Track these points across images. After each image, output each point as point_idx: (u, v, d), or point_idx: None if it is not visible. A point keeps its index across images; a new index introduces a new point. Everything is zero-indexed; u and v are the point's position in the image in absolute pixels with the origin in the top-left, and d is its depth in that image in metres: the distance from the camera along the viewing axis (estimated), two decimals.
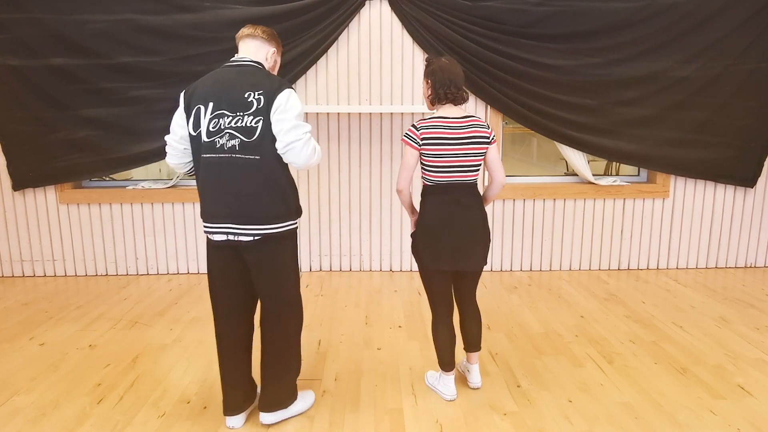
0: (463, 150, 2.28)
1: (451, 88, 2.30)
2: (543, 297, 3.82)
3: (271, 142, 2.04)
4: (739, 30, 4.03)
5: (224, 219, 2.08)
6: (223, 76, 2.11)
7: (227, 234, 2.10)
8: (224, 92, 2.05)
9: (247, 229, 2.07)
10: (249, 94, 2.02)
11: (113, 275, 4.39)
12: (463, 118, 2.32)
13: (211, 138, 2.05)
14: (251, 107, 2.02)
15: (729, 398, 2.47)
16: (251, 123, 2.02)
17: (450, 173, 2.31)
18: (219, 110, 2.04)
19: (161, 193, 4.30)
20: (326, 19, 4.00)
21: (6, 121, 4.04)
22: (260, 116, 2.02)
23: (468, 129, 2.30)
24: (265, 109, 2.01)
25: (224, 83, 2.08)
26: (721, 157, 4.26)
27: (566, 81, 4.07)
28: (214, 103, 2.05)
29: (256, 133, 2.02)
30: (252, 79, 2.07)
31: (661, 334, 3.17)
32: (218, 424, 2.29)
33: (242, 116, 2.02)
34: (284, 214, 2.12)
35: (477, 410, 2.39)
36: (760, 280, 4.20)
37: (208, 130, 2.05)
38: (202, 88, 2.10)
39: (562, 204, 4.39)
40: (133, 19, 3.86)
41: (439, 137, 2.27)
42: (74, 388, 2.60)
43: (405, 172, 2.35)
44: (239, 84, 2.05)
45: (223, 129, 2.03)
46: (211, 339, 3.13)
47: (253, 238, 2.08)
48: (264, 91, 2.03)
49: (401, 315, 3.51)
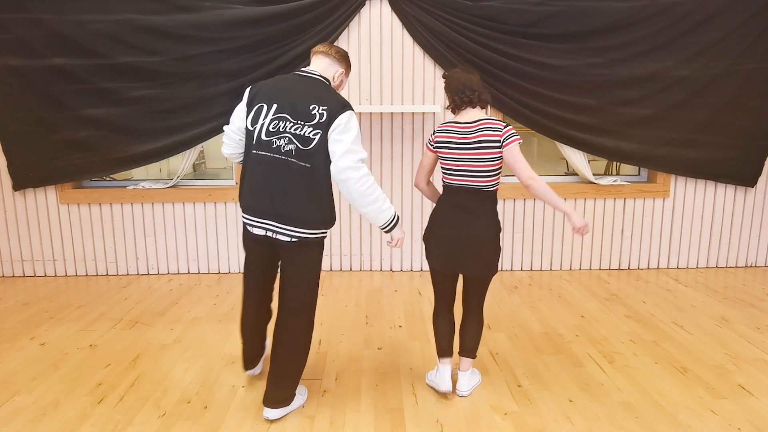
0: (469, 155, 2.30)
1: (466, 92, 2.34)
2: (543, 297, 3.82)
3: (324, 155, 2.16)
4: (739, 30, 4.02)
5: (267, 216, 2.20)
6: (291, 83, 2.25)
7: (267, 230, 2.23)
8: (290, 98, 2.18)
9: (288, 229, 2.19)
10: (314, 107, 2.15)
11: (114, 275, 4.39)
12: (474, 122, 2.32)
13: (269, 137, 2.17)
14: (313, 119, 2.14)
15: (729, 398, 2.47)
16: (309, 134, 2.14)
17: (457, 176, 2.36)
18: (281, 113, 2.17)
19: (162, 193, 4.30)
20: (326, 19, 4.00)
21: (6, 121, 4.04)
22: (319, 130, 2.14)
23: (476, 133, 2.30)
24: (325, 125, 2.14)
25: (291, 90, 2.21)
26: (721, 157, 4.26)
27: (567, 81, 4.07)
28: (278, 106, 2.18)
29: (311, 144, 2.14)
30: (318, 93, 2.19)
31: (661, 334, 3.17)
32: (219, 424, 2.29)
33: (302, 125, 2.15)
34: (321, 222, 2.23)
35: (477, 410, 2.39)
36: (760, 279, 4.20)
37: (268, 129, 2.18)
38: (268, 89, 2.24)
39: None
40: (133, 19, 3.86)
41: (448, 141, 2.35)
42: (75, 388, 2.60)
43: (419, 171, 2.52)
44: (306, 95, 2.18)
45: (282, 132, 2.16)
46: (211, 339, 3.14)
47: (290, 239, 2.21)
48: (328, 108, 2.14)
49: (401, 315, 3.51)
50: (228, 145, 2.36)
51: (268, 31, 3.93)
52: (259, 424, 2.29)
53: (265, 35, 3.94)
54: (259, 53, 3.99)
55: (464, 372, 2.54)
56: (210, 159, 6.59)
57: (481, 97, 2.36)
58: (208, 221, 4.35)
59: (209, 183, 4.46)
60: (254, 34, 3.93)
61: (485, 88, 2.40)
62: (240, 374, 2.72)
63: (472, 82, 2.35)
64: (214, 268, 4.42)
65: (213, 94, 4.03)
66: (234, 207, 4.33)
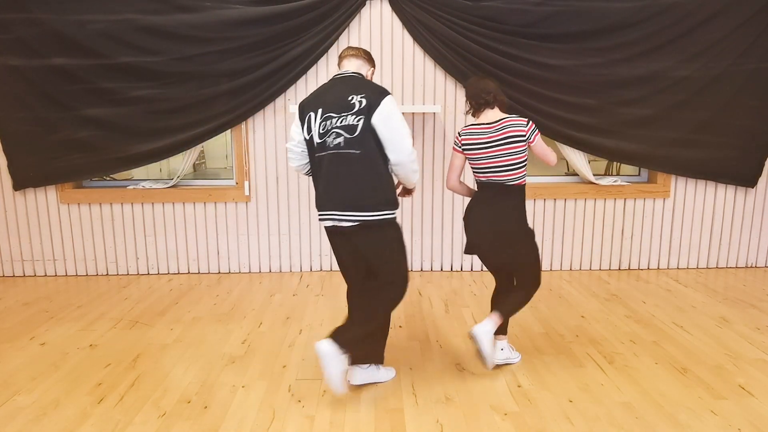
0: (496, 152, 2.48)
1: (482, 95, 2.54)
2: (544, 297, 3.82)
3: (372, 140, 2.30)
4: (739, 30, 4.02)
5: (330, 206, 2.37)
6: (329, 87, 2.43)
7: (332, 220, 2.38)
8: (330, 97, 2.36)
9: (348, 215, 2.33)
10: (352, 96, 2.31)
11: (114, 275, 4.39)
12: (496, 121, 2.51)
13: (322, 138, 2.35)
14: (354, 108, 2.29)
15: (730, 398, 2.47)
16: (353, 121, 2.29)
17: (485, 173, 2.54)
18: (327, 113, 2.34)
19: (162, 193, 4.30)
20: (327, 19, 4.00)
21: (7, 121, 4.04)
22: (361, 115, 2.29)
23: (501, 131, 2.48)
24: (366, 110, 2.28)
25: (330, 91, 2.40)
26: (721, 157, 4.26)
27: (567, 81, 4.07)
28: (323, 109, 2.36)
29: (357, 130, 2.29)
30: (354, 84, 2.38)
31: (661, 334, 3.17)
32: (219, 424, 2.29)
33: (345, 116, 2.30)
34: (381, 204, 2.34)
35: (477, 410, 2.39)
36: (760, 280, 4.20)
37: (319, 132, 2.36)
38: (312, 99, 2.44)
39: (562, 204, 4.39)
40: (133, 19, 3.86)
41: (474, 142, 2.53)
42: (75, 387, 2.60)
43: (450, 172, 2.67)
44: (343, 90, 2.36)
45: (329, 129, 2.33)
46: (211, 339, 3.14)
47: (352, 224, 2.34)
48: (366, 95, 2.30)
49: (402, 315, 3.51)
50: (293, 159, 2.52)
51: (268, 31, 3.93)
52: (259, 424, 2.29)
53: (265, 35, 3.94)
54: (259, 53, 3.99)
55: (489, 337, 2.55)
56: (210, 159, 6.59)
57: (498, 98, 2.56)
58: (209, 221, 4.35)
59: (209, 183, 4.46)
60: (254, 34, 3.93)
61: (501, 91, 2.59)
62: (240, 374, 2.72)
63: (488, 86, 2.55)
64: (214, 268, 4.42)
65: (213, 94, 4.03)
66: (234, 207, 4.33)
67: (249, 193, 4.31)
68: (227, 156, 5.40)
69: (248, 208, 4.35)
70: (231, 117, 4.10)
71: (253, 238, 4.38)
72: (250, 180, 4.30)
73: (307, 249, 4.42)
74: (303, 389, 2.57)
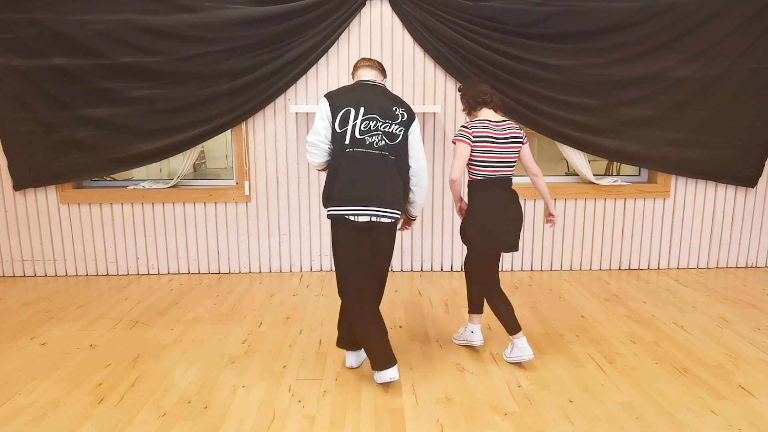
0: (504, 148, 2.67)
1: (480, 95, 2.73)
2: (544, 297, 3.82)
3: (403, 149, 2.55)
4: (739, 30, 4.02)
5: (372, 202, 2.45)
6: (370, 90, 2.58)
7: (371, 215, 2.46)
8: (375, 102, 2.52)
9: (389, 212, 2.49)
10: (395, 108, 2.54)
11: (114, 275, 4.39)
12: (501, 121, 2.71)
13: (362, 135, 2.47)
14: (398, 119, 2.53)
15: (730, 398, 2.47)
16: (396, 130, 2.52)
17: (495, 168, 2.69)
18: (371, 114, 2.48)
19: (162, 193, 4.30)
20: (327, 18, 4.00)
21: (7, 121, 4.04)
22: (403, 127, 2.54)
23: (507, 131, 2.69)
24: (406, 123, 2.55)
25: (373, 95, 2.55)
26: (721, 157, 4.26)
27: (567, 81, 4.07)
28: (366, 108, 2.48)
29: (398, 139, 2.52)
30: (392, 97, 2.61)
31: (661, 334, 3.17)
32: (219, 424, 2.29)
33: (390, 123, 2.51)
34: (403, 204, 2.61)
35: (477, 410, 2.39)
36: (761, 280, 4.20)
37: (360, 128, 2.47)
38: (348, 95, 2.53)
39: (563, 204, 4.39)
40: (133, 19, 3.86)
41: (488, 136, 2.65)
42: (75, 387, 2.60)
43: (461, 163, 2.67)
44: (385, 98, 2.57)
45: (373, 130, 2.48)
46: (212, 339, 3.14)
47: (391, 220, 2.51)
48: (406, 109, 2.58)
49: (402, 315, 3.50)
50: (316, 155, 2.54)
51: (269, 32, 3.93)
52: (259, 424, 2.29)
53: (265, 35, 3.94)
54: (259, 53, 3.99)
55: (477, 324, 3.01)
56: (210, 159, 6.58)
57: (493, 99, 2.74)
58: (209, 221, 4.35)
59: (209, 183, 4.46)
60: (254, 34, 3.93)
61: (496, 94, 2.78)
62: (240, 374, 2.72)
63: (484, 87, 2.76)
64: (215, 268, 4.42)
65: (213, 94, 4.03)
66: (234, 207, 4.33)
67: (249, 193, 4.31)
68: (227, 156, 5.40)
69: (248, 208, 4.34)
70: (231, 117, 4.10)
71: (253, 238, 4.38)
72: (250, 180, 4.30)
73: (307, 249, 4.41)
74: (303, 389, 2.57)
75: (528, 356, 2.74)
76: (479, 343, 2.97)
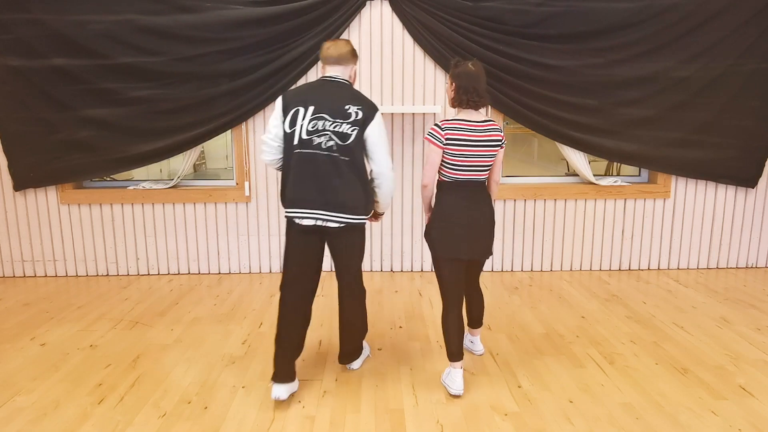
0: (480, 151, 2.46)
1: (474, 96, 2.46)
2: (544, 297, 3.82)
3: (360, 149, 2.43)
4: (740, 30, 4.02)
5: (317, 206, 2.40)
6: (320, 87, 2.48)
7: (317, 219, 2.41)
8: (327, 101, 2.41)
9: (336, 216, 2.41)
10: (349, 107, 2.40)
11: (114, 275, 4.39)
12: (483, 122, 2.50)
13: (309, 136, 2.39)
14: (350, 117, 2.39)
15: (730, 399, 2.47)
16: (348, 130, 2.39)
17: (467, 172, 2.48)
18: (319, 113, 2.39)
19: (162, 193, 4.30)
20: (327, 19, 4.00)
21: (7, 122, 4.04)
22: (356, 126, 2.39)
23: (486, 132, 2.48)
24: (361, 122, 2.40)
25: (322, 92, 2.45)
26: (722, 158, 4.26)
27: (567, 81, 4.06)
28: (315, 107, 2.39)
29: (350, 139, 2.39)
30: (350, 94, 2.46)
31: (662, 335, 3.17)
32: (219, 425, 2.29)
33: (341, 123, 2.38)
34: (362, 208, 2.48)
35: (478, 410, 2.39)
36: (761, 280, 4.20)
37: (307, 129, 2.39)
38: (301, 94, 2.46)
39: (563, 204, 4.39)
40: (134, 19, 3.86)
41: (463, 139, 2.44)
42: (75, 388, 2.60)
43: (432, 170, 2.51)
44: (339, 96, 2.43)
45: (321, 130, 2.38)
46: (212, 339, 3.14)
47: (339, 224, 2.42)
48: (362, 107, 2.42)
49: (402, 315, 3.51)
50: (268, 153, 2.50)
51: (269, 32, 3.93)
52: (259, 425, 2.29)
53: (265, 36, 3.94)
54: (259, 53, 3.99)
55: (477, 336, 2.94)
56: (210, 159, 6.59)
57: (484, 102, 2.51)
58: (209, 221, 4.35)
59: (210, 183, 4.46)
60: (255, 34, 3.93)
61: (487, 92, 2.53)
62: (240, 374, 2.72)
63: (481, 85, 2.47)
64: (215, 268, 4.42)
65: (213, 94, 4.03)
66: (234, 207, 4.33)
67: (249, 193, 4.31)
68: (227, 156, 5.40)
69: (248, 208, 4.35)
70: (231, 117, 4.10)
71: (253, 238, 4.38)
72: (250, 180, 4.30)
73: None
74: (303, 390, 2.57)
75: (456, 390, 2.49)
76: (480, 352, 2.93)
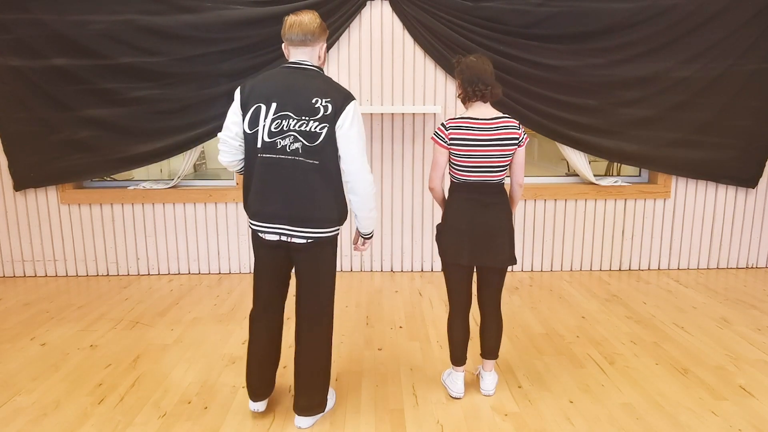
0: (490, 151, 2.30)
1: (479, 85, 2.30)
2: (544, 298, 3.82)
3: (332, 150, 2.08)
4: (740, 31, 4.02)
5: (280, 220, 2.09)
6: (286, 78, 2.09)
7: (280, 235, 2.11)
8: (290, 95, 2.05)
9: (302, 231, 2.10)
10: (316, 100, 2.04)
11: (114, 275, 4.39)
12: (494, 119, 2.32)
13: (272, 138, 2.05)
14: (318, 113, 2.03)
15: (730, 399, 2.47)
16: (316, 128, 2.04)
17: (476, 173, 2.34)
18: (283, 111, 2.04)
19: (162, 193, 4.30)
20: (327, 19, 3.99)
21: (7, 122, 4.04)
22: (325, 123, 2.04)
23: (498, 130, 2.30)
24: (331, 117, 2.04)
25: (289, 85, 2.07)
26: (722, 158, 4.26)
27: (567, 81, 4.06)
28: (278, 104, 2.05)
29: (318, 139, 2.05)
30: (318, 85, 2.07)
31: (662, 335, 3.17)
32: (219, 425, 2.29)
33: (307, 121, 2.04)
34: (335, 219, 2.15)
35: (478, 411, 2.39)
36: (761, 280, 4.19)
37: (270, 130, 2.05)
38: (262, 87, 2.08)
39: (563, 204, 4.39)
40: (134, 19, 3.86)
41: (467, 138, 2.29)
42: (75, 388, 2.60)
43: (435, 171, 2.40)
44: (305, 88, 2.06)
45: (285, 131, 2.04)
46: (212, 339, 3.14)
47: (306, 240, 2.11)
48: (332, 99, 2.05)
49: (402, 315, 3.51)
50: (226, 153, 2.16)
51: (269, 32, 3.93)
52: (259, 425, 2.29)
53: (265, 36, 3.94)
54: (259, 54, 3.99)
55: (489, 372, 2.55)
56: (211, 159, 6.59)
57: (493, 91, 2.34)
58: (209, 221, 4.35)
59: (210, 183, 4.46)
60: (255, 34, 3.93)
61: (497, 82, 2.36)
62: (240, 374, 2.72)
63: (486, 75, 2.32)
64: (215, 268, 4.42)
65: (214, 94, 4.03)
66: (234, 207, 4.33)
67: None
68: None
69: None
70: None
71: None
72: None
73: None
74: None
75: (456, 393, 2.47)
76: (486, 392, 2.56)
